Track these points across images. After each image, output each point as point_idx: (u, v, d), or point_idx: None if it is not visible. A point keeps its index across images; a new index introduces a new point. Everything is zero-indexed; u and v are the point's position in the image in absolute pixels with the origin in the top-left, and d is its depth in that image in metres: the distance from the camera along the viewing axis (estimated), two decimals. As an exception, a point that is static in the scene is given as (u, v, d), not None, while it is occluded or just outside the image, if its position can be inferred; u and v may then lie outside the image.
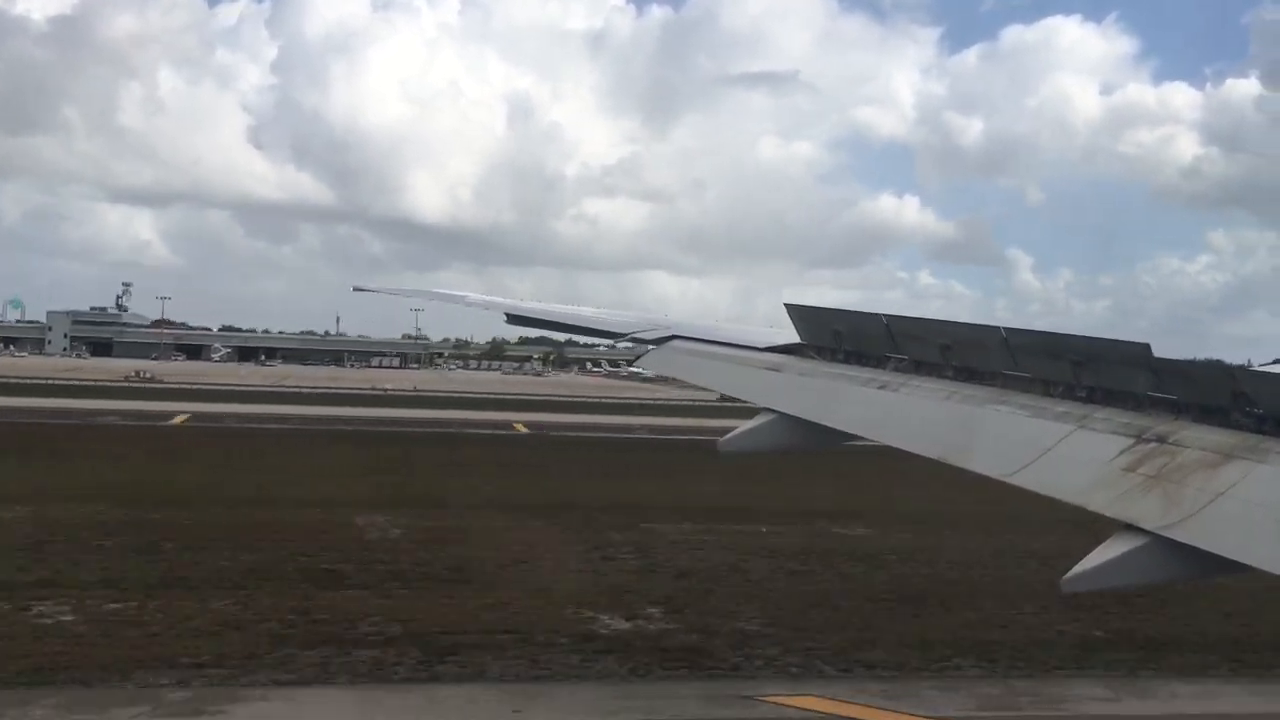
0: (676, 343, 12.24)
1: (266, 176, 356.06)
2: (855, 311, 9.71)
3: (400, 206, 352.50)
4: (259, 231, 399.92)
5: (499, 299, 19.32)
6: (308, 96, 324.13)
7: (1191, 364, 6.41)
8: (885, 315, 8.93)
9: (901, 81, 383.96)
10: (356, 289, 25.47)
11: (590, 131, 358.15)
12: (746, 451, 9.43)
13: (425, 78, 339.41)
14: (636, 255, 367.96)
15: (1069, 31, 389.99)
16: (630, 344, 13.41)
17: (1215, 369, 6.31)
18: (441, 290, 23.22)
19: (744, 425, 9.37)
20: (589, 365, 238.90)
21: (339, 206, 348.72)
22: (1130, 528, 5.23)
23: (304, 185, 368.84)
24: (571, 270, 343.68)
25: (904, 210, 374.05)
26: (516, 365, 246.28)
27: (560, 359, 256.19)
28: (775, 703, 19.38)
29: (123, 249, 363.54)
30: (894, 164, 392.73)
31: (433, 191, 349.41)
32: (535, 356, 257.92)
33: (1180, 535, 4.99)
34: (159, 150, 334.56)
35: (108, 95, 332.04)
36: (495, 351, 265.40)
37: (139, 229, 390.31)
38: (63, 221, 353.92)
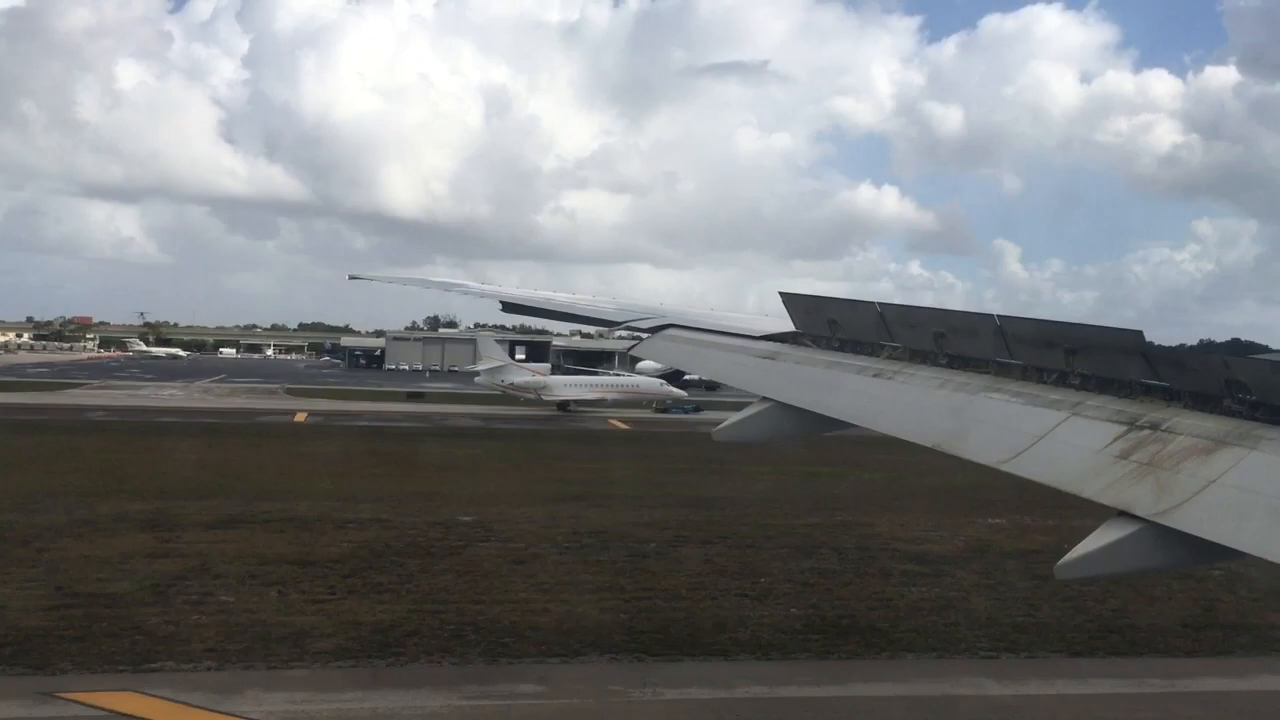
0: (672, 331, 12.24)
1: (244, 172, 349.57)
2: (850, 300, 9.70)
3: (381, 202, 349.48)
4: (238, 227, 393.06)
5: (494, 288, 19.33)
6: (285, 92, 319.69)
7: (1184, 351, 6.42)
8: (879, 303, 8.93)
9: (880, 71, 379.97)
10: (352, 277, 25.50)
11: (570, 124, 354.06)
12: (742, 440, 9.44)
13: (414, 74, 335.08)
14: (621, 248, 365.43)
15: (1049, 19, 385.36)
16: (627, 332, 13.41)
17: (1208, 357, 6.32)
18: (439, 279, 23.22)
19: (739, 414, 9.36)
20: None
21: (319, 202, 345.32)
22: (1123, 514, 5.25)
23: (284, 181, 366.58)
24: (556, 264, 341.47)
25: (883, 200, 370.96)
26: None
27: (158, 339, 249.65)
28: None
29: (102, 245, 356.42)
30: (873, 154, 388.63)
31: (416, 187, 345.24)
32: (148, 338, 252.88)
33: (1172, 522, 5.01)
34: (130, 146, 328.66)
35: (70, 90, 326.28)
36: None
37: (118, 225, 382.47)
38: (34, 217, 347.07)
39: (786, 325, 10.13)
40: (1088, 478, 5.67)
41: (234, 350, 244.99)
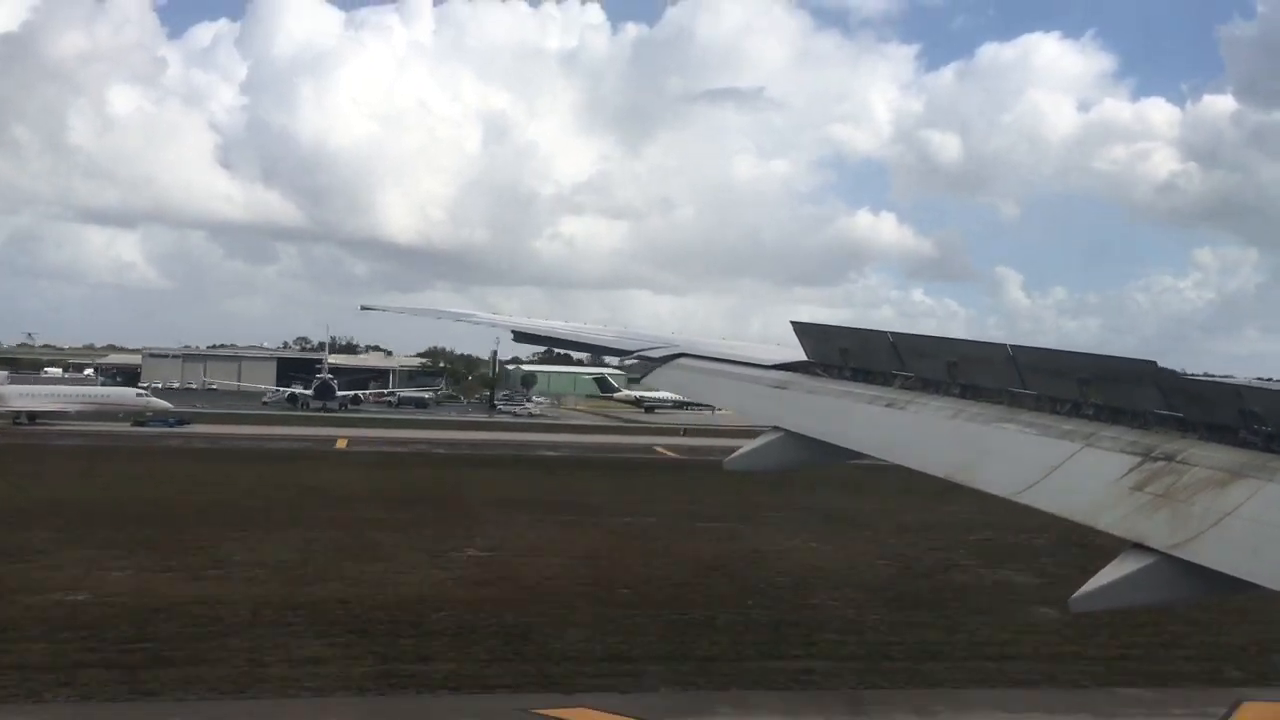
0: (683, 360, 12.24)
1: (244, 198, 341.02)
2: (861, 329, 9.70)
3: (381, 228, 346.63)
4: (236, 253, 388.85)
5: (506, 318, 19.39)
6: (286, 118, 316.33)
7: (1199, 381, 6.39)
8: (891, 333, 8.92)
9: (878, 99, 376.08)
10: (364, 308, 25.76)
11: (568, 150, 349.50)
12: (753, 469, 9.41)
13: (412, 100, 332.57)
14: (620, 274, 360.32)
15: (1047, 48, 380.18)
16: (637, 361, 13.41)
17: (1222, 387, 6.29)
18: (450, 309, 23.38)
19: (751, 443, 9.34)
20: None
21: (318, 228, 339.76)
22: (1138, 546, 5.21)
23: (285, 208, 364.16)
24: (556, 289, 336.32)
25: (881, 227, 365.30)
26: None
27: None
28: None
29: (100, 270, 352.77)
30: (871, 181, 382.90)
31: (415, 213, 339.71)
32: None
33: (1188, 554, 4.97)
34: (129, 172, 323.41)
35: (66, 116, 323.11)
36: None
37: (117, 250, 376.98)
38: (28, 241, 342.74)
39: (798, 354, 10.12)
40: (1102, 509, 5.64)
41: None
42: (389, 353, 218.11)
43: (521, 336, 16.71)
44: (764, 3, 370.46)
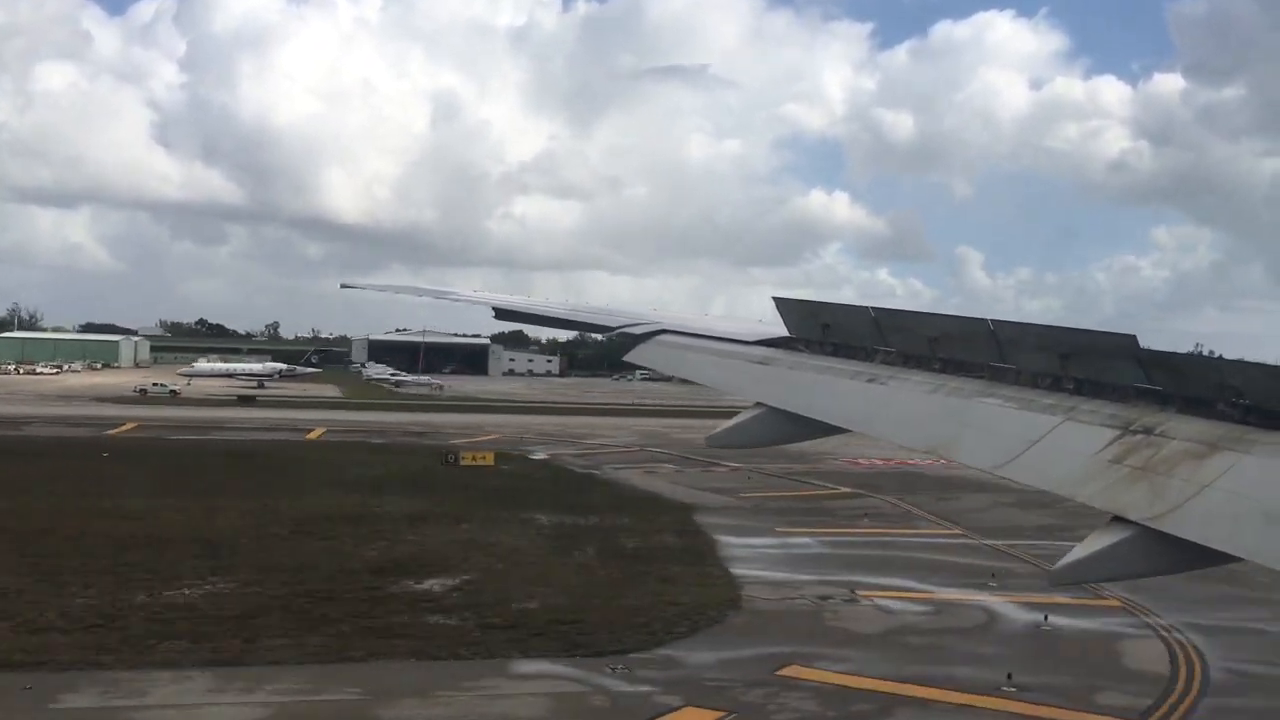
0: (665, 337, 12.21)
1: (196, 180, 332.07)
2: (843, 304, 9.72)
3: (331, 208, 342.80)
4: (185, 233, 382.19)
5: (487, 295, 19.35)
6: (234, 98, 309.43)
7: (1178, 356, 6.43)
8: (873, 308, 8.94)
9: (832, 78, 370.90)
10: (344, 285, 25.63)
11: (519, 129, 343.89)
12: (735, 445, 9.43)
13: (359, 79, 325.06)
14: (576, 254, 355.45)
15: (1000, 26, 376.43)
16: (619, 337, 13.38)
17: (1202, 361, 6.34)
18: (431, 286, 23.32)
19: (733, 419, 9.36)
20: None
21: (265, 210, 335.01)
22: (1118, 519, 5.26)
23: (237, 188, 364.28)
24: (512, 270, 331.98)
25: (835, 206, 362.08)
26: None
27: None
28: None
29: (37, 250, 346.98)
30: (825, 160, 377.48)
31: (369, 193, 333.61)
32: None
33: (1167, 526, 5.01)
34: (75, 151, 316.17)
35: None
36: None
37: (62, 231, 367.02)
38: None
39: (779, 330, 10.12)
40: (1082, 482, 5.68)
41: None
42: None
43: (503, 314, 16.76)
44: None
